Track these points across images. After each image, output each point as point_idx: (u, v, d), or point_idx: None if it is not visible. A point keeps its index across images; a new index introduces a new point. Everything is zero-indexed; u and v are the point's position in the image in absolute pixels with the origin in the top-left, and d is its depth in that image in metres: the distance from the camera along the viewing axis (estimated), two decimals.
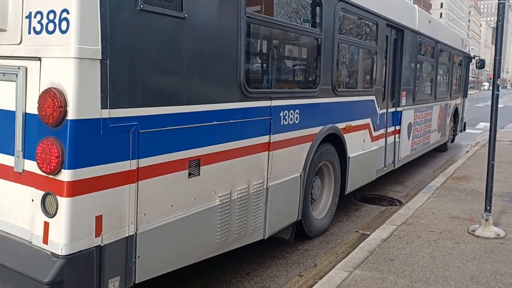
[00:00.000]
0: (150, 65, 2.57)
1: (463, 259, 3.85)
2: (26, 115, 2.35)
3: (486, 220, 4.45)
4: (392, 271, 3.60)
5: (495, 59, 4.33)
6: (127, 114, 2.43)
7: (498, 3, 4.28)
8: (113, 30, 2.31)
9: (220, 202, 3.22)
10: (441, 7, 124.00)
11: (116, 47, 2.34)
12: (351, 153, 5.30)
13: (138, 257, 2.60)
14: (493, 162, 4.44)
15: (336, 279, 3.49)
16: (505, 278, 3.48)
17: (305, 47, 4.57)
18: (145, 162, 2.56)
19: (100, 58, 2.26)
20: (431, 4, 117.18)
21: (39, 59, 2.27)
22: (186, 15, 2.74)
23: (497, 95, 4.30)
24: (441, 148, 10.48)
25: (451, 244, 4.21)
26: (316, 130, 4.46)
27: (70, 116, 2.18)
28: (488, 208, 4.47)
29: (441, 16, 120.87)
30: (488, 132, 15.10)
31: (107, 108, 2.31)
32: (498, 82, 4.32)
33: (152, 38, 2.56)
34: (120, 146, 2.41)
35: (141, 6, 2.44)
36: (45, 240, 2.27)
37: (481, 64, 11.71)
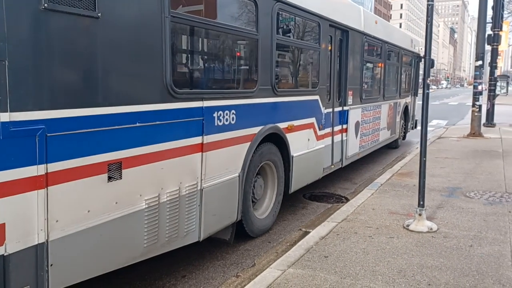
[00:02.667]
0: (58, 66, 2.48)
1: (394, 254, 3.96)
2: None
3: (420, 214, 4.60)
4: (324, 268, 3.65)
5: (424, 59, 4.48)
6: (32, 118, 2.33)
7: (427, 4, 4.43)
8: (12, 30, 2.21)
9: (146, 206, 3.15)
10: (401, 7, 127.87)
11: (17, 47, 2.24)
12: (295, 152, 5.35)
13: (51, 265, 2.51)
14: (424, 159, 4.59)
15: (268, 278, 3.50)
16: (430, 271, 3.61)
17: (241, 47, 4.57)
18: (55, 166, 2.47)
19: None
20: (391, 5, 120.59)
21: None
22: (99, 14, 2.66)
23: (427, 93, 4.44)
24: (392, 145, 10.80)
25: (385, 239, 4.32)
26: (255, 130, 4.47)
27: None
28: (421, 203, 4.62)
29: (401, 17, 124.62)
30: (439, 130, 15.62)
31: (7, 111, 2.21)
32: (429, 81, 4.46)
33: (60, 38, 2.47)
34: (24, 151, 2.31)
35: (45, 5, 2.35)
36: None
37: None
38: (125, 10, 2.89)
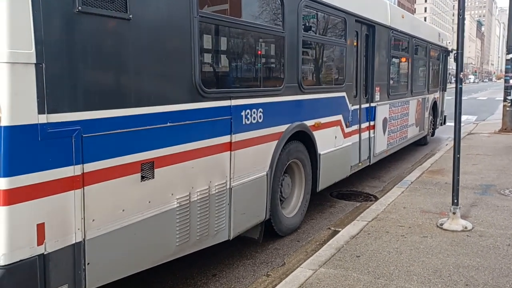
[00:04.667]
0: (92, 68, 2.52)
1: (428, 253, 3.86)
2: None
3: (454, 213, 4.48)
4: (356, 268, 3.59)
5: (457, 53, 4.35)
6: (68, 119, 2.37)
7: None
8: (48, 33, 2.26)
9: (178, 205, 3.17)
10: (425, 1, 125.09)
11: (53, 50, 2.29)
12: (322, 150, 5.29)
13: (88, 264, 2.55)
14: (458, 156, 4.45)
15: (300, 277, 3.47)
16: (467, 271, 3.50)
17: (267, 45, 4.55)
18: (91, 167, 2.51)
19: (35, 62, 2.20)
20: None
21: None
22: (131, 16, 2.69)
23: (460, 88, 4.31)
24: (421, 142, 10.56)
25: (418, 239, 4.22)
26: (282, 128, 4.44)
27: (4, 122, 2.12)
28: (455, 201, 4.49)
29: (425, 11, 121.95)
30: (469, 125, 15.22)
31: (44, 113, 2.25)
32: (461, 75, 4.33)
33: (93, 40, 2.51)
34: (61, 152, 2.35)
35: (79, 8, 2.38)
36: None
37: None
38: (155, 11, 2.91)
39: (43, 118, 2.25)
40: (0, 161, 2.13)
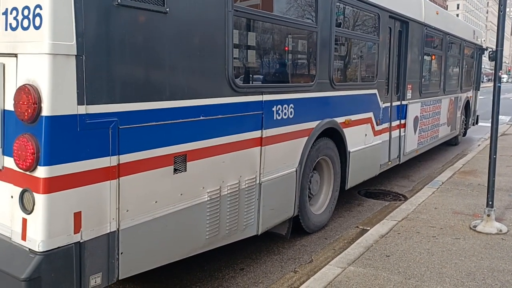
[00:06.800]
0: (130, 61, 2.55)
1: (461, 255, 3.75)
2: (4, 112, 2.36)
3: (488, 215, 4.34)
4: (386, 268, 3.53)
5: (496, 50, 4.20)
6: (106, 110, 2.42)
7: None
8: (89, 25, 2.30)
9: (209, 198, 3.19)
10: None
11: (93, 42, 2.33)
12: (352, 147, 5.22)
13: (121, 253, 2.59)
14: (495, 156, 4.30)
15: (328, 275, 3.44)
16: (502, 275, 3.38)
17: (299, 40, 4.50)
18: (126, 158, 2.54)
19: (75, 53, 2.24)
20: None
21: (16, 55, 2.27)
22: (168, 9, 2.71)
23: (499, 87, 4.16)
24: (452, 142, 10.29)
25: (450, 240, 4.11)
26: (312, 124, 4.39)
27: (45, 112, 2.17)
28: (490, 203, 4.35)
29: (458, 7, 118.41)
30: (502, 126, 14.76)
31: (84, 104, 2.30)
32: (500, 74, 4.18)
33: (131, 33, 2.54)
34: (99, 142, 2.40)
35: (119, 1, 2.41)
36: (23, 237, 2.28)
37: (494, 56, 11.39)
38: (190, 4, 2.91)
39: (82, 109, 2.30)
40: (41, 150, 2.19)
